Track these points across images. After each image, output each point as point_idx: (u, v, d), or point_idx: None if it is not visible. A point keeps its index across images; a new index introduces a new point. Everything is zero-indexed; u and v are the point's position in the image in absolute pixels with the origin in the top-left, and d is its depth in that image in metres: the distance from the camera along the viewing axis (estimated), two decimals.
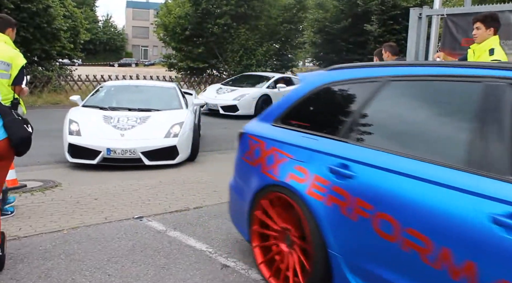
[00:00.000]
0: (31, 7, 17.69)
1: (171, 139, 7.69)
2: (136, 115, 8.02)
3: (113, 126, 7.69)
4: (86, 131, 7.60)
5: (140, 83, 10.55)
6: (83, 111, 8.29)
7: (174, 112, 8.38)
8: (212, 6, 23.74)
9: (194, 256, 4.07)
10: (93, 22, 58.94)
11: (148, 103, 8.67)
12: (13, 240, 4.33)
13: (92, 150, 7.38)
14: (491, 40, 4.94)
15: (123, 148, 7.35)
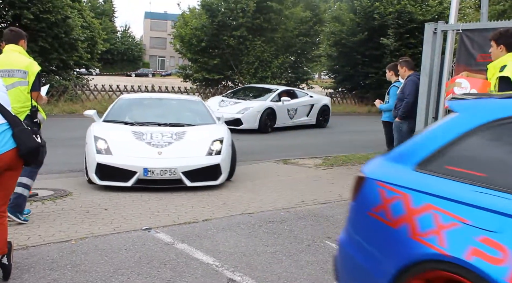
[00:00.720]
0: (50, 17, 17.97)
1: (214, 157, 6.94)
2: (169, 131, 7.23)
3: (147, 143, 6.90)
4: (117, 149, 6.77)
5: (163, 96, 9.78)
6: (107, 126, 7.44)
7: (210, 127, 7.71)
8: (229, 18, 23.89)
9: (200, 269, 4.04)
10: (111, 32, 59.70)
11: (178, 118, 7.98)
12: (21, 250, 4.34)
13: (126, 170, 6.55)
14: (506, 57, 4.91)
15: (162, 168, 6.55)
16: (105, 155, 6.70)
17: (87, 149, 6.93)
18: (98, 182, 6.63)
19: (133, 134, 7.09)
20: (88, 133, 7.19)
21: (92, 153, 6.75)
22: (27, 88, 4.92)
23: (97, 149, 6.75)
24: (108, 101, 20.39)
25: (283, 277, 3.95)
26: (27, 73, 4.91)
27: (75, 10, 20.03)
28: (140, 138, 7.00)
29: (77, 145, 10.66)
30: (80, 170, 8.21)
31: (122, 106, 8.23)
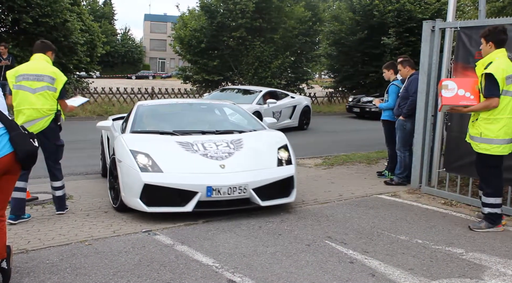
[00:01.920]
0: (49, 21, 17.99)
1: (286, 168, 5.86)
2: (222, 139, 6.08)
3: (202, 155, 5.65)
4: (168, 165, 5.47)
5: (192, 101, 8.74)
6: (142, 138, 6.13)
7: (265, 133, 6.64)
8: (228, 19, 23.89)
9: (200, 271, 4.04)
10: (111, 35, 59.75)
11: (219, 124, 6.96)
12: (20, 254, 4.35)
13: (184, 191, 5.30)
14: (493, 54, 5.06)
15: (230, 185, 5.32)
16: (152, 173, 5.37)
17: (121, 169, 5.60)
18: (147, 209, 5.29)
19: (180, 145, 5.82)
20: (118, 149, 5.86)
21: (133, 172, 5.40)
22: (55, 94, 5.41)
23: (140, 167, 5.41)
24: (108, 103, 20.42)
25: (283, 277, 3.94)
26: (55, 80, 5.39)
27: (74, 13, 20.05)
28: (191, 149, 5.74)
29: (77, 148, 10.69)
30: (80, 173, 8.24)
31: (146, 114, 6.98)
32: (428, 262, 4.36)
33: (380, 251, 4.59)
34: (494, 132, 5.00)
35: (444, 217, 5.86)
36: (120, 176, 5.62)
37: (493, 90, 4.94)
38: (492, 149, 5.05)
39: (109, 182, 6.16)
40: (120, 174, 5.61)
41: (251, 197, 5.47)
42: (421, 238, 5.04)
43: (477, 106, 5.09)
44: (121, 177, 5.60)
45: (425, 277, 4.00)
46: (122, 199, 5.56)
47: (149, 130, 6.47)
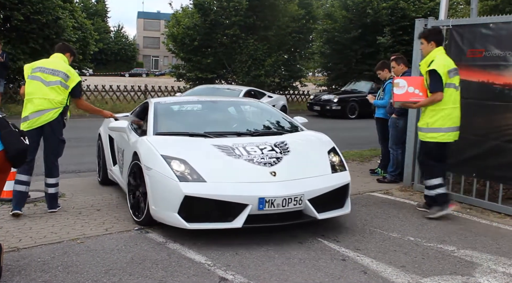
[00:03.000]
0: (41, 18, 17.86)
1: (342, 175, 5.23)
2: (265, 142, 5.36)
3: (247, 161, 4.92)
4: (210, 173, 4.72)
5: (216, 98, 7.70)
6: (171, 141, 5.34)
7: (307, 135, 5.96)
8: (221, 17, 23.84)
9: (192, 269, 4.04)
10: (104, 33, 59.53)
11: (253, 124, 6.31)
12: (12, 252, 4.33)
13: (232, 204, 4.55)
14: (434, 52, 5.57)
15: (284, 196, 4.60)
16: (193, 182, 4.60)
17: (151, 177, 4.85)
18: (187, 226, 4.54)
19: (219, 149, 5.08)
20: (145, 154, 5.08)
21: (169, 182, 4.65)
22: (66, 91, 5.52)
23: (177, 175, 4.65)
24: (101, 101, 20.35)
25: (275, 274, 3.95)
26: (69, 77, 5.53)
27: (67, 11, 19.91)
28: (233, 154, 5.00)
29: (70, 146, 10.60)
30: (72, 171, 8.21)
31: (167, 113, 6.25)
32: (420, 259, 4.38)
33: (372, 249, 4.60)
34: (440, 122, 5.49)
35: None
36: (148, 186, 4.85)
37: (437, 85, 5.44)
38: (439, 137, 5.52)
39: (128, 191, 5.44)
40: (149, 184, 4.84)
41: (306, 209, 4.76)
42: (413, 235, 5.06)
43: (425, 101, 5.57)
44: (150, 187, 4.82)
45: (417, 275, 4.02)
46: (152, 213, 4.83)
47: (176, 132, 5.60)
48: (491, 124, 6.03)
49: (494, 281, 3.94)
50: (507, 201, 6.04)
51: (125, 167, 5.87)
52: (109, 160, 6.92)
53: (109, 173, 6.91)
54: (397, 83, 5.79)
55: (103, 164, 7.16)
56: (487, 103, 6.05)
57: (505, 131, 5.85)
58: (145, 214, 4.99)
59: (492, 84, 5.97)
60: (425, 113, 5.61)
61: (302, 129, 6.15)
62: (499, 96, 5.90)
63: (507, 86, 5.80)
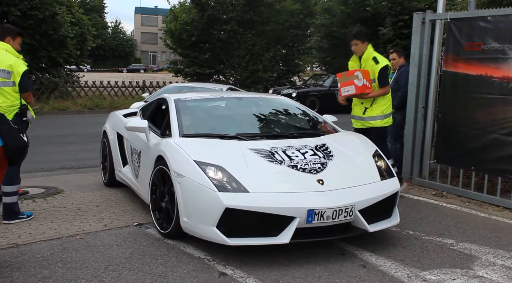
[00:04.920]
0: (38, 14, 17.84)
1: (392, 182, 4.74)
2: (304, 145, 4.85)
3: (290, 167, 4.43)
4: (252, 182, 4.21)
5: (240, 95, 6.85)
6: (202, 144, 4.80)
7: (346, 136, 5.51)
8: (219, 12, 23.80)
9: (192, 264, 4.04)
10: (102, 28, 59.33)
11: (287, 124, 5.87)
12: (11, 248, 4.33)
13: (277, 216, 4.04)
14: (369, 49, 6.05)
15: (335, 207, 4.12)
16: (234, 193, 4.09)
17: (183, 186, 4.32)
18: (228, 242, 4.01)
19: (257, 153, 4.56)
20: (175, 159, 4.54)
21: (206, 192, 4.13)
22: (14, 88, 4.86)
23: (216, 184, 4.13)
24: (99, 97, 20.33)
25: (274, 269, 3.95)
26: (11, 73, 4.82)
27: (64, 6, 19.89)
28: (274, 159, 4.50)
29: (68, 142, 10.65)
30: (70, 167, 8.20)
31: (191, 112, 5.66)
32: (419, 253, 4.39)
33: (371, 243, 4.60)
34: (389, 109, 6.18)
35: (435, 208, 5.90)
36: (179, 195, 4.33)
37: (388, 80, 6.11)
38: (390, 120, 6.24)
39: (152, 200, 4.91)
40: (180, 193, 4.32)
41: (356, 220, 4.28)
42: (412, 229, 5.06)
43: (377, 93, 6.02)
44: (181, 197, 4.32)
45: (416, 268, 4.03)
46: (183, 225, 4.34)
47: (205, 133, 5.05)
48: (490, 117, 6.02)
49: (493, 273, 3.95)
50: (506, 194, 6.04)
51: (143, 172, 5.38)
52: (117, 160, 6.41)
53: (117, 174, 6.47)
54: (356, 75, 6.03)
55: (109, 165, 6.64)
56: (485, 97, 6.05)
57: (504, 124, 5.85)
58: (173, 225, 4.46)
59: (490, 77, 5.97)
60: (378, 104, 6.08)
61: (337, 130, 5.68)
62: (498, 89, 5.89)
63: (505, 79, 5.80)
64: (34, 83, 18.73)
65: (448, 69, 6.49)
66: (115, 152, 6.47)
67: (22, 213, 5.15)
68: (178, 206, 4.37)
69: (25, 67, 4.96)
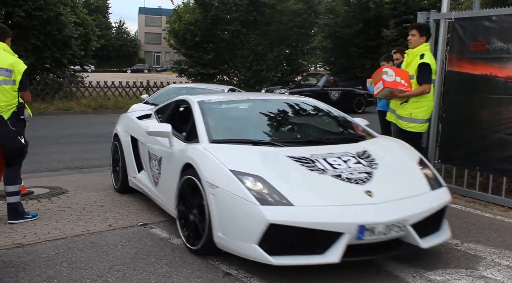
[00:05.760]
0: (42, 15, 17.90)
1: (442, 192, 4.34)
2: (345, 151, 4.46)
3: (334, 177, 4.02)
4: (295, 194, 3.78)
5: (264, 96, 6.41)
6: (236, 151, 4.37)
7: (385, 142, 5.11)
8: (222, 12, 23.83)
9: (196, 264, 4.04)
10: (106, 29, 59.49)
11: (318, 128, 5.41)
12: (16, 248, 4.34)
13: (324, 232, 3.63)
14: (423, 46, 5.88)
15: (387, 221, 3.73)
16: (277, 206, 3.67)
17: (218, 198, 3.91)
18: (272, 261, 3.61)
19: (296, 162, 4.16)
20: (207, 167, 4.13)
21: (245, 205, 3.72)
22: (13, 87, 4.86)
23: (256, 197, 3.72)
24: (103, 98, 20.37)
25: (278, 269, 3.94)
26: (12, 72, 4.85)
27: (68, 7, 19.94)
28: (316, 168, 4.10)
29: (72, 142, 10.68)
30: (75, 167, 8.22)
31: (218, 116, 5.21)
32: (423, 253, 4.37)
33: None
34: (422, 113, 5.87)
35: None
36: (213, 208, 3.93)
37: (428, 78, 5.78)
38: (419, 127, 5.93)
39: (178, 212, 4.50)
40: (215, 206, 3.91)
41: (407, 235, 3.89)
42: None
43: (414, 92, 5.82)
44: (216, 211, 3.91)
45: (421, 268, 4.02)
46: (218, 241, 3.94)
47: (236, 139, 4.62)
48: (494, 117, 6.01)
49: (498, 274, 3.93)
50: (511, 194, 6.03)
51: (165, 180, 5.01)
52: (132, 166, 6.02)
53: (130, 181, 6.08)
54: (385, 71, 5.97)
55: (122, 170, 6.22)
56: (490, 96, 6.03)
57: (509, 124, 5.83)
58: (205, 241, 4.05)
59: (495, 77, 5.95)
60: (409, 104, 5.88)
61: (372, 134, 5.25)
62: (502, 89, 5.88)
63: (510, 79, 5.78)
64: (39, 84, 18.78)
65: (453, 69, 6.47)
66: (129, 156, 6.08)
67: (27, 213, 5.18)
68: (211, 220, 3.95)
69: (25, 66, 5.02)
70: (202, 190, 4.06)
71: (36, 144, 8.84)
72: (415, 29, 5.95)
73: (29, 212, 5.21)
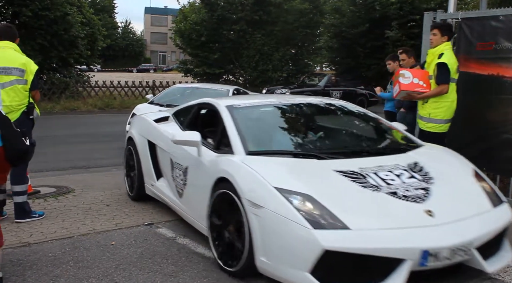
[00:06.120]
0: (49, 14, 17.98)
1: (503, 209, 3.93)
2: (395, 164, 4.01)
3: (389, 194, 3.59)
4: (350, 215, 3.37)
5: (299, 100, 5.38)
6: (279, 165, 3.88)
7: (433, 151, 4.65)
8: (228, 12, 23.85)
9: (202, 264, 4.05)
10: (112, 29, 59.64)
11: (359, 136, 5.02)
12: (23, 247, 4.36)
13: (382, 259, 3.24)
14: (443, 46, 5.72)
15: (452, 245, 3.36)
16: (333, 231, 3.25)
17: (262, 219, 3.47)
18: None
19: (346, 177, 3.72)
20: (246, 183, 3.68)
21: (295, 228, 3.29)
22: (25, 86, 4.92)
23: (308, 219, 3.28)
24: (109, 97, 20.42)
25: None
26: (25, 72, 4.90)
27: (74, 7, 20.01)
28: (367, 184, 3.67)
29: (79, 142, 10.71)
30: (81, 167, 8.25)
31: (252, 123, 4.71)
32: None
33: None
34: (442, 114, 5.73)
35: None
36: (256, 229, 3.50)
37: (445, 78, 5.63)
38: (438, 127, 5.79)
39: (211, 231, 4.07)
40: (258, 227, 3.49)
41: (472, 260, 3.50)
42: None
43: (431, 92, 5.71)
44: (259, 232, 3.49)
45: None
46: (260, 266, 3.55)
47: (275, 151, 4.17)
48: (501, 117, 5.97)
49: (506, 275, 3.91)
50: None
51: (193, 192, 4.60)
52: (149, 173, 5.59)
53: (147, 188, 5.70)
54: (402, 73, 5.91)
55: (138, 176, 5.80)
56: (497, 97, 6.00)
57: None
58: (244, 264, 3.65)
59: (502, 77, 5.91)
60: (428, 104, 5.78)
61: (416, 142, 4.79)
62: (510, 89, 5.84)
63: None
64: (46, 83, 18.87)
65: (460, 69, 6.44)
66: (146, 163, 5.64)
67: (34, 212, 5.20)
68: (252, 242, 3.55)
69: (36, 66, 5.06)
70: (242, 208, 3.64)
71: (43, 143, 8.87)
72: (437, 29, 5.79)
73: (36, 211, 5.24)
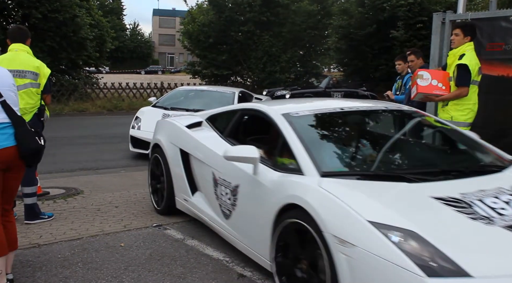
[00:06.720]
0: (58, 16, 18.08)
1: None
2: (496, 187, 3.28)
3: (506, 228, 2.84)
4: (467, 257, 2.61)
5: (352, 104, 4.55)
6: (363, 193, 3.09)
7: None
8: (236, 13, 23.87)
9: (211, 265, 4.05)
10: (120, 30, 59.87)
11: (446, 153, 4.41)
12: (33, 248, 4.38)
13: None
14: (465, 46, 5.52)
15: None
16: (451, 279, 2.51)
17: (354, 260, 2.78)
18: None
19: (447, 205, 3.00)
20: (329, 215, 2.95)
21: (402, 275, 2.56)
22: (38, 90, 4.96)
23: (416, 263, 2.55)
24: (117, 99, 20.50)
25: None
26: (38, 75, 4.93)
27: (83, 9, 20.12)
28: (476, 215, 2.93)
29: (88, 143, 10.76)
30: (90, 168, 8.28)
31: (315, 136, 4.06)
32: None
33: None
34: (464, 116, 5.53)
35: None
36: (345, 273, 2.81)
37: (465, 80, 5.42)
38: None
39: (278, 266, 3.45)
40: (348, 271, 2.80)
41: None
42: None
43: (450, 95, 5.52)
44: (350, 276, 2.79)
45: None
46: None
47: (354, 172, 3.52)
48: (510, 118, 5.94)
49: None
50: None
51: (246, 215, 3.93)
52: (182, 186, 5.02)
53: (179, 202, 5.16)
54: (421, 75, 5.72)
55: (167, 189, 5.26)
56: (506, 98, 5.97)
57: None
58: None
59: None
60: (449, 107, 5.58)
61: (504, 156, 4.01)
62: None
63: None
64: (55, 85, 18.99)
65: None
66: (178, 175, 5.08)
67: (43, 213, 5.22)
68: None
69: (49, 70, 5.12)
70: (322, 244, 2.96)
71: (52, 145, 8.91)
72: (459, 29, 5.55)
73: (45, 213, 5.26)
